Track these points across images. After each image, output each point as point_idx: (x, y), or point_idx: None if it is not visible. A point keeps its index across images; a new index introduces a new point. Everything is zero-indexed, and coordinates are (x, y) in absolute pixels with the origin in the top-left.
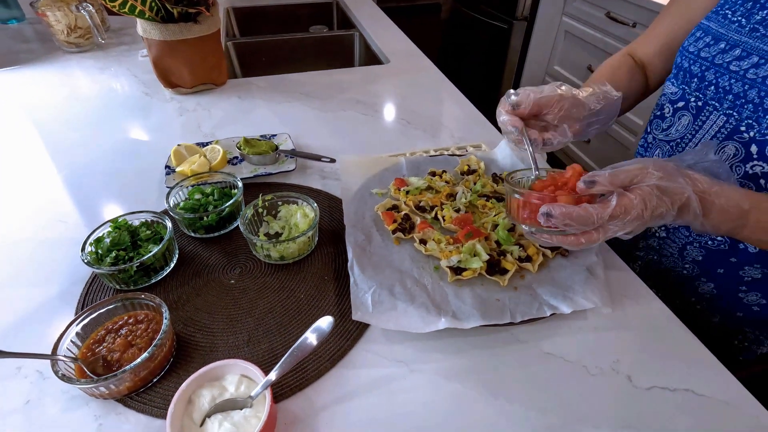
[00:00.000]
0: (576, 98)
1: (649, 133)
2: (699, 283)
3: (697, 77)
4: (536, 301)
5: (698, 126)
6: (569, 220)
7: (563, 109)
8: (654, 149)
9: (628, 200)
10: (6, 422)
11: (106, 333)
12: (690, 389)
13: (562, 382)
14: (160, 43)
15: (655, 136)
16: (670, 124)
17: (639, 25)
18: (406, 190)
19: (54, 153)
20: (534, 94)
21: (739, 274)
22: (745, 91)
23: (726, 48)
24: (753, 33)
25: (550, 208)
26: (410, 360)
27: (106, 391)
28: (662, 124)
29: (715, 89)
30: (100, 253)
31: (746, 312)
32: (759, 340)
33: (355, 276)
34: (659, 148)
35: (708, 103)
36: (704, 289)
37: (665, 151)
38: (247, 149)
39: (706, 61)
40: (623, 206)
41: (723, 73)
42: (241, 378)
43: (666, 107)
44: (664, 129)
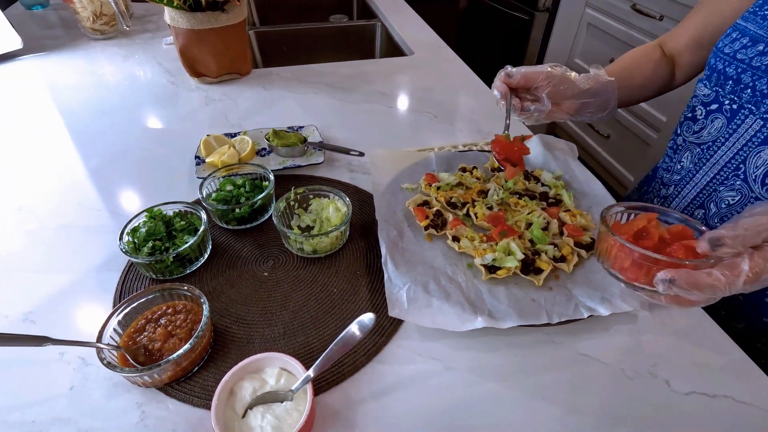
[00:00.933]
0: (565, 76)
1: (679, 135)
2: None
3: (733, 79)
4: (572, 302)
5: (732, 129)
6: (696, 290)
7: (551, 85)
8: (683, 151)
9: (762, 263)
10: (53, 407)
11: (146, 322)
12: (730, 396)
13: (598, 385)
14: (187, 32)
15: (686, 138)
16: (702, 126)
17: (666, 18)
18: (437, 185)
19: (84, 140)
20: (525, 69)
21: None
22: None
23: (765, 50)
24: None
25: (675, 275)
26: (445, 357)
27: (149, 380)
28: (693, 126)
29: (751, 92)
30: (137, 242)
31: None
32: None
33: (389, 272)
34: (689, 151)
35: (743, 106)
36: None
37: (695, 153)
38: (276, 141)
39: (742, 63)
40: (756, 269)
41: (761, 76)
42: (280, 371)
43: (698, 109)
44: (695, 131)
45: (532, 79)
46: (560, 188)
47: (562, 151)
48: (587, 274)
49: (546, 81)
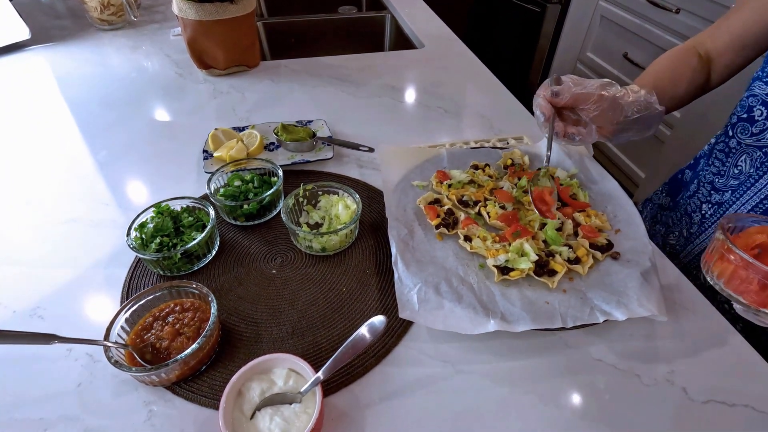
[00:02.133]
0: (616, 101)
1: (732, 138)
2: None
3: None
4: (587, 306)
5: None
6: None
7: (600, 109)
8: (739, 155)
9: None
10: (60, 404)
11: (153, 320)
12: (750, 405)
13: (613, 391)
14: (196, 23)
15: (741, 140)
16: (763, 128)
17: (683, 11)
18: (449, 183)
19: (91, 133)
20: (576, 89)
21: None
22: None
23: None
24: None
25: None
26: (456, 360)
27: (156, 378)
28: (751, 128)
29: None
30: (145, 238)
31: None
32: None
33: (399, 272)
34: (746, 154)
35: None
36: None
37: (757, 157)
38: (285, 136)
39: None
40: None
41: None
42: (289, 372)
43: (757, 109)
44: (754, 134)
45: (582, 100)
46: (575, 187)
47: (577, 149)
48: (602, 276)
49: (596, 104)
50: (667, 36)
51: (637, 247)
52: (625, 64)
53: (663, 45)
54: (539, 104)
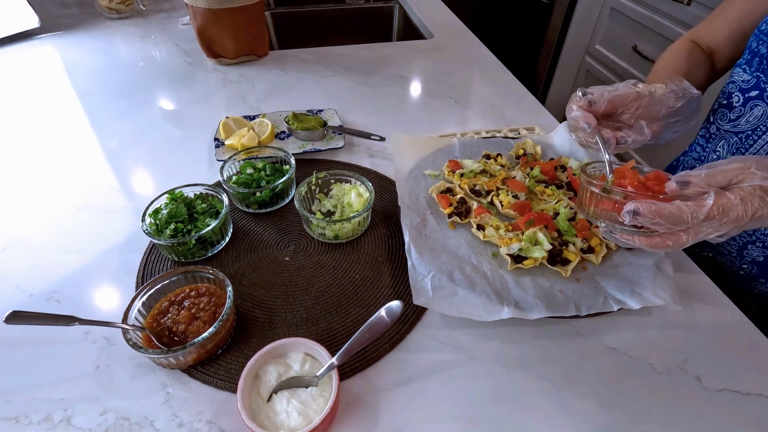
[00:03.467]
0: (653, 96)
1: (713, 123)
2: (756, 284)
3: None
4: (601, 295)
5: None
6: (659, 219)
7: (641, 108)
8: (718, 141)
9: (727, 200)
10: (80, 385)
11: (169, 304)
12: (764, 394)
13: (627, 379)
14: (206, 12)
15: (720, 126)
16: (740, 114)
17: (695, 2)
18: (461, 172)
19: (102, 121)
20: (609, 93)
21: None
22: None
23: None
24: None
25: (638, 206)
26: (469, 347)
27: (173, 361)
28: (729, 114)
29: None
30: (159, 224)
31: None
32: None
33: (412, 260)
34: (725, 140)
35: None
36: (761, 290)
37: (732, 143)
38: (296, 124)
39: None
40: (721, 206)
41: None
42: (305, 356)
43: (735, 96)
44: (731, 120)
45: (621, 103)
46: None
47: None
48: (616, 266)
49: (636, 102)
50: (678, 28)
51: None
52: (634, 56)
53: (674, 38)
54: (578, 117)
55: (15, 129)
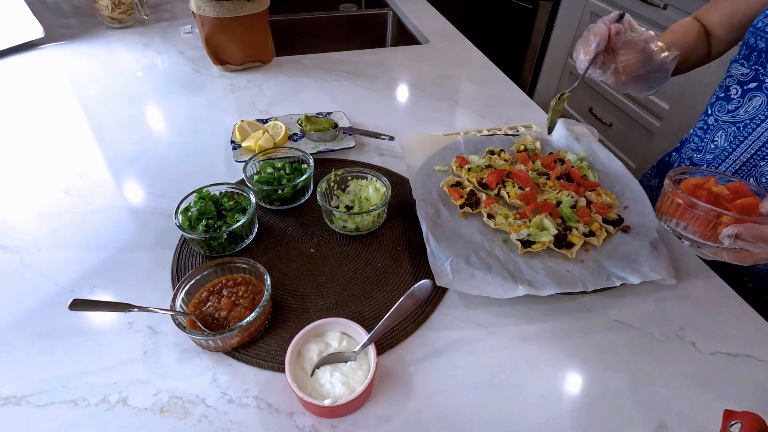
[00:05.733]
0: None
1: (710, 115)
2: None
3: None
4: (604, 273)
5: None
6: (761, 242)
7: (636, 59)
8: (716, 131)
9: None
10: (130, 370)
11: (208, 294)
12: (751, 355)
13: (631, 347)
14: (213, 21)
15: (718, 117)
16: (738, 105)
17: (671, 7)
18: (468, 167)
19: (116, 127)
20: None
21: None
22: None
23: None
24: None
25: (741, 230)
26: (488, 324)
27: (220, 344)
28: (727, 105)
29: None
30: (191, 221)
31: None
32: None
33: (431, 246)
34: (722, 130)
35: None
36: (760, 267)
37: (730, 132)
38: (308, 126)
39: None
40: None
41: None
42: (341, 335)
43: (733, 88)
44: (730, 111)
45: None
46: (585, 168)
47: (585, 135)
48: (615, 248)
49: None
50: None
51: (645, 221)
52: None
53: None
54: (599, 30)
55: (37, 135)
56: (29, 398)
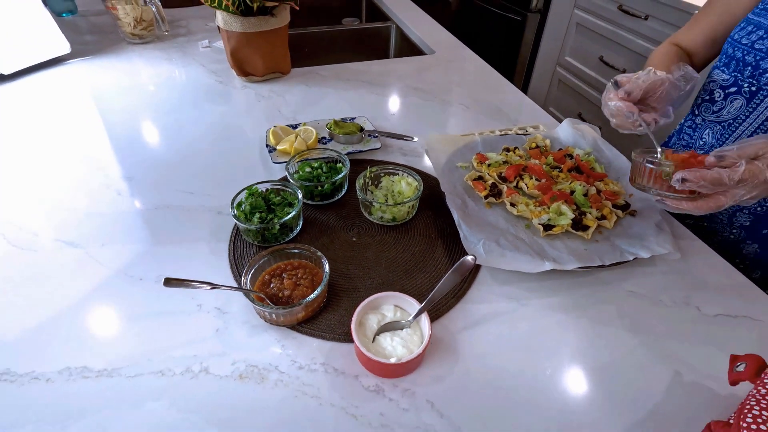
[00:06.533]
0: (671, 81)
1: (698, 115)
2: (744, 245)
3: (751, 65)
4: (617, 250)
5: (752, 108)
6: (703, 182)
7: (664, 92)
8: (703, 129)
9: (755, 166)
10: (206, 345)
11: (270, 277)
12: (748, 316)
13: (645, 312)
14: (239, 35)
15: (705, 117)
16: (721, 107)
17: (651, 17)
18: (488, 163)
19: (156, 135)
20: (642, 82)
21: None
22: None
23: None
24: None
25: (685, 173)
26: (519, 297)
27: (289, 317)
28: (712, 107)
29: None
30: (245, 214)
31: None
32: None
33: (464, 232)
34: (709, 129)
35: (762, 88)
36: (749, 250)
37: (716, 131)
38: (337, 130)
39: (760, 52)
40: (751, 171)
41: None
42: (395, 307)
43: (716, 92)
44: (714, 111)
45: (650, 90)
46: (593, 161)
47: (589, 132)
48: (625, 229)
49: (661, 89)
50: (638, 40)
51: (649, 206)
52: (601, 66)
53: (635, 48)
54: (621, 107)
55: (80, 144)
56: (119, 371)
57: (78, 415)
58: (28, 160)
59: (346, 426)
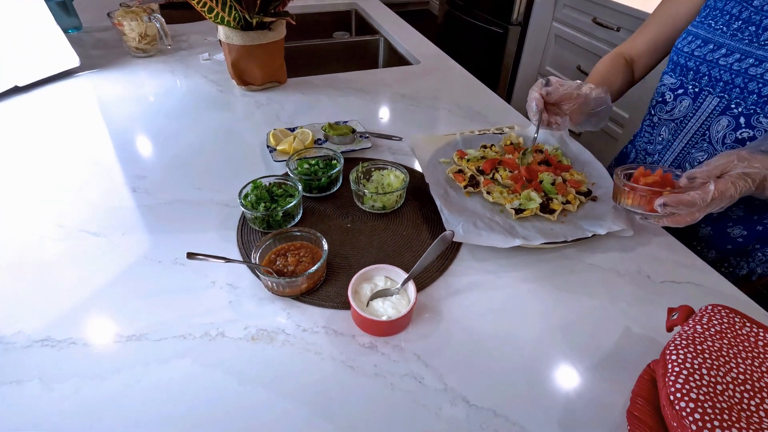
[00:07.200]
0: (587, 98)
1: (654, 115)
2: (699, 227)
3: (693, 70)
4: (579, 229)
5: (697, 106)
6: (681, 206)
7: (577, 104)
8: (660, 127)
9: (723, 185)
10: (221, 314)
11: (276, 256)
12: (691, 282)
13: (602, 280)
14: (240, 48)
15: (660, 116)
16: (673, 107)
17: (622, 29)
18: (467, 158)
19: (162, 139)
20: (561, 89)
21: (728, 213)
22: (732, 78)
23: (714, 48)
24: (733, 37)
25: (665, 200)
26: (495, 271)
27: (292, 288)
28: (665, 107)
29: (708, 79)
30: (252, 203)
31: (732, 244)
32: (740, 265)
33: (446, 216)
34: (665, 126)
35: (703, 89)
36: (703, 233)
37: (671, 127)
38: (331, 131)
39: (699, 58)
40: (719, 190)
41: (713, 67)
42: (386, 278)
43: (667, 94)
44: (667, 111)
45: (565, 99)
46: (560, 155)
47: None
48: (587, 212)
49: (575, 101)
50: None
51: (608, 193)
52: (579, 75)
53: None
54: (534, 98)
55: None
56: (146, 336)
57: (114, 370)
58: (45, 163)
59: (346, 375)
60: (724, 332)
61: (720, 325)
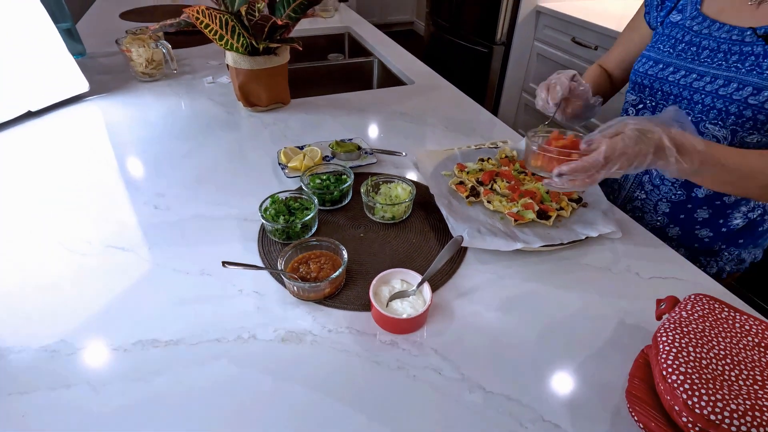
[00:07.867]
0: (588, 100)
1: None
2: (668, 229)
3: (648, 87)
4: (573, 232)
5: None
6: (577, 173)
7: (580, 106)
8: None
9: (614, 141)
10: (250, 319)
11: (298, 265)
12: (675, 277)
13: (596, 278)
14: (247, 71)
15: None
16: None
17: (600, 47)
18: (467, 171)
19: (176, 160)
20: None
21: (694, 216)
22: (680, 92)
23: (663, 67)
24: (678, 57)
25: (561, 168)
26: (498, 272)
27: (316, 293)
28: None
29: (661, 93)
30: (272, 216)
31: (700, 244)
32: (709, 263)
33: (451, 223)
34: None
35: (659, 103)
36: (673, 233)
37: None
38: (338, 148)
39: (652, 77)
40: (611, 147)
41: (664, 83)
42: (402, 281)
43: (630, 110)
44: None
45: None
46: None
47: None
48: (579, 217)
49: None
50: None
51: (597, 199)
52: None
53: None
54: (562, 81)
55: (109, 167)
56: (183, 340)
57: (156, 372)
58: (63, 185)
59: (371, 369)
60: (706, 316)
61: (702, 311)
